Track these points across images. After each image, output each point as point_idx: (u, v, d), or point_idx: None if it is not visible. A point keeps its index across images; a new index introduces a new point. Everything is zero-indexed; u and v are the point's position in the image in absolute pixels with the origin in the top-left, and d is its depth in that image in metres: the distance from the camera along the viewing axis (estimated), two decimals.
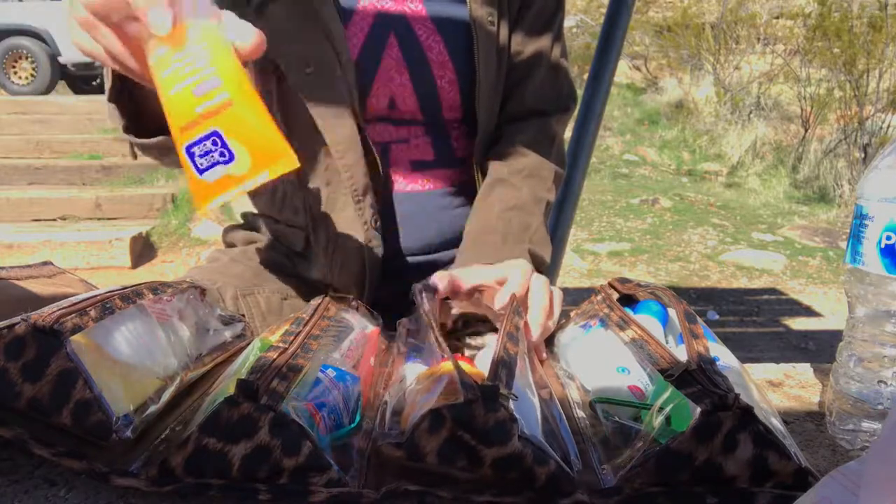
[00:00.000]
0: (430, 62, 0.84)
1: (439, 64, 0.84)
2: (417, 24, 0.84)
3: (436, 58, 0.84)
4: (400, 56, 0.83)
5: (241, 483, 0.39)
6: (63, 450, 0.40)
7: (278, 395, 0.41)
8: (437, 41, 0.84)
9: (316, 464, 0.40)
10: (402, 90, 0.84)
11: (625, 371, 0.52)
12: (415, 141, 0.88)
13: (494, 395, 0.39)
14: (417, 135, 0.88)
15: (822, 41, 6.08)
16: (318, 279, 0.89)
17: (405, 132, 0.87)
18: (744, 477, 0.40)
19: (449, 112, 0.88)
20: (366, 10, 0.82)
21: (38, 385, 0.41)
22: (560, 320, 0.69)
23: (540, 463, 0.40)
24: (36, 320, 0.41)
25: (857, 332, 0.50)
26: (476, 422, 0.39)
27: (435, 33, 0.84)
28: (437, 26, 0.85)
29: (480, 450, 0.39)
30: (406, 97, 0.84)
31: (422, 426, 0.40)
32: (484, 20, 0.85)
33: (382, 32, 0.82)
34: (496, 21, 0.86)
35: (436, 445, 0.40)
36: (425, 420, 0.39)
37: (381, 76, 0.83)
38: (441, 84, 0.85)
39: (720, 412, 0.39)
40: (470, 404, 0.39)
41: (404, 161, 0.87)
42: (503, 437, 0.39)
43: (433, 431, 0.39)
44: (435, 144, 0.89)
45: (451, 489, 0.40)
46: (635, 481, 0.41)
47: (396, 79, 0.83)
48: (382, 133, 0.86)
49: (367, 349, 0.56)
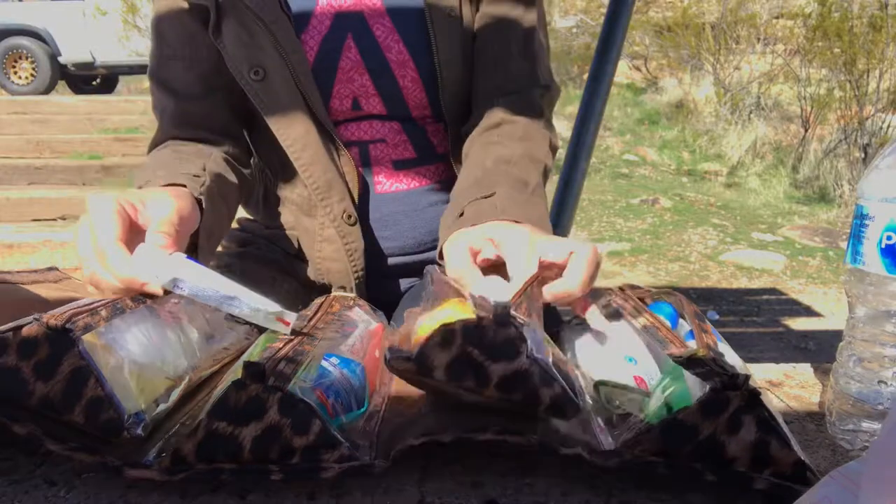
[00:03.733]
0: (389, 63, 0.83)
1: (399, 63, 0.83)
2: (375, 22, 0.83)
3: (395, 58, 0.83)
4: (358, 58, 0.82)
5: (253, 465, 0.40)
6: (76, 445, 0.41)
7: (285, 376, 0.41)
8: (395, 40, 0.83)
9: (327, 441, 0.40)
10: (364, 91, 0.84)
11: (632, 361, 0.52)
12: (393, 140, 0.87)
13: (507, 315, 0.40)
14: (395, 132, 0.87)
15: (822, 41, 6.08)
16: (313, 278, 0.90)
17: (380, 131, 0.87)
18: (744, 459, 0.41)
19: (417, 110, 0.87)
20: (324, 12, 0.82)
21: (51, 383, 0.41)
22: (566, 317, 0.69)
23: (546, 384, 0.40)
24: (48, 319, 0.41)
25: (857, 332, 0.50)
26: (486, 337, 0.40)
27: (393, 32, 0.83)
28: (395, 22, 0.83)
29: (488, 366, 0.40)
30: (369, 98, 0.84)
31: (433, 340, 0.40)
32: (441, 6, 0.82)
33: (339, 34, 0.82)
34: (458, 5, 0.83)
35: (445, 360, 0.40)
36: (437, 334, 0.40)
37: (341, 78, 0.83)
38: (404, 84, 0.84)
39: (729, 391, 0.40)
40: (481, 321, 0.40)
41: (386, 161, 0.87)
42: (511, 353, 0.40)
43: (444, 346, 0.40)
44: (413, 142, 0.88)
45: (453, 431, 0.41)
46: (636, 448, 0.41)
47: (357, 80, 0.83)
48: (356, 132, 0.86)
49: (372, 344, 0.56)
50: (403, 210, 0.88)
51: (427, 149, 0.89)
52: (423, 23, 0.82)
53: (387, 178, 0.88)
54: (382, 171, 0.88)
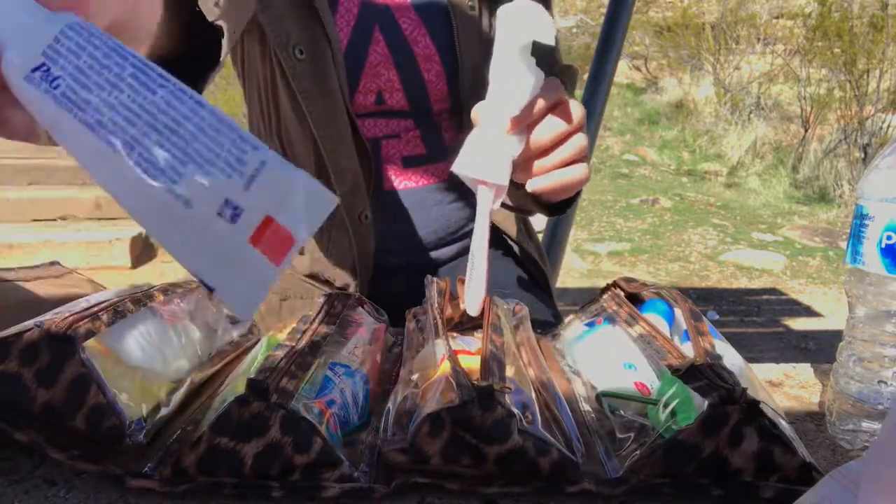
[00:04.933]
0: (416, 57, 0.83)
1: (425, 58, 0.84)
2: (401, 15, 0.83)
3: (422, 52, 0.83)
4: (387, 52, 0.82)
5: (254, 481, 0.40)
6: (78, 453, 0.41)
7: (288, 393, 0.41)
8: (422, 34, 0.83)
9: (327, 460, 0.40)
10: (390, 85, 0.84)
11: (632, 368, 0.52)
12: (405, 136, 0.87)
13: (490, 394, 0.40)
14: (408, 129, 0.87)
15: (822, 41, 6.08)
16: (315, 273, 0.90)
17: (395, 126, 0.86)
18: (749, 470, 0.41)
19: (438, 103, 0.87)
20: (351, 1, 0.82)
21: (53, 390, 0.41)
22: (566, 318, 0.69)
23: (542, 454, 0.40)
24: (49, 326, 0.41)
25: (857, 332, 0.50)
26: (474, 422, 0.40)
27: (420, 25, 0.83)
28: (421, 16, 0.84)
29: (482, 448, 0.40)
30: (394, 92, 0.84)
31: (423, 430, 0.40)
32: (464, 4, 0.84)
33: (367, 26, 0.82)
34: (476, 4, 0.85)
35: (439, 447, 0.40)
36: (425, 424, 0.40)
37: (368, 72, 0.82)
38: (429, 78, 0.84)
39: (727, 405, 0.40)
40: (466, 406, 0.40)
41: (396, 157, 0.87)
42: (503, 435, 0.40)
43: (434, 434, 0.40)
44: (425, 138, 0.88)
45: (459, 482, 0.41)
46: (641, 472, 0.41)
47: (384, 74, 0.83)
48: (372, 128, 0.86)
49: (374, 346, 0.56)
50: (410, 207, 0.88)
51: (438, 146, 0.89)
52: (447, 15, 0.83)
53: (396, 175, 0.88)
54: (392, 167, 0.87)
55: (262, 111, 0.88)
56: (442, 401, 0.41)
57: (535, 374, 0.51)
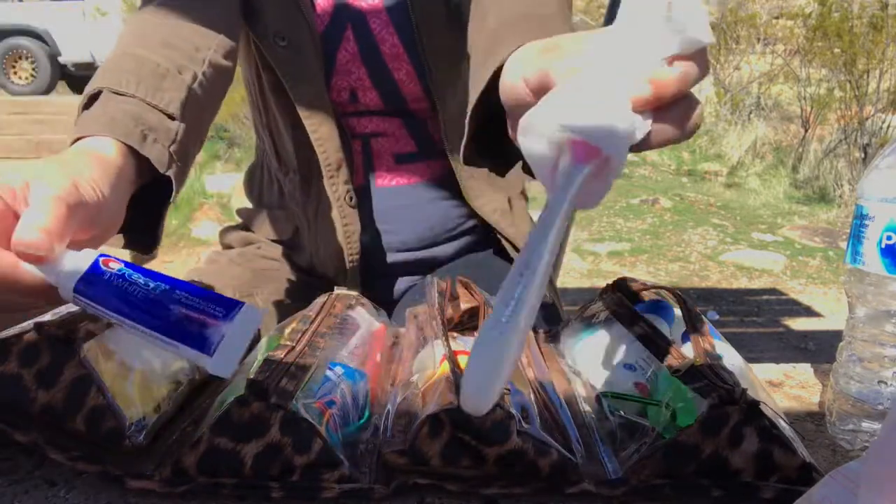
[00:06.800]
0: (384, 56, 0.83)
1: (393, 57, 0.83)
2: (373, 16, 0.83)
3: (389, 51, 0.83)
4: (356, 50, 0.82)
5: (254, 481, 0.40)
6: (78, 454, 0.41)
7: (288, 393, 0.41)
8: (390, 33, 0.83)
9: (327, 460, 0.40)
10: (361, 84, 0.84)
11: (631, 368, 0.52)
12: (395, 134, 0.87)
13: None
14: (396, 127, 0.87)
15: (822, 41, 6.08)
16: (307, 265, 0.91)
17: (383, 125, 0.87)
18: (749, 470, 0.41)
19: (415, 103, 0.86)
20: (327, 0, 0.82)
21: (53, 392, 0.41)
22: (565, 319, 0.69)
23: (542, 455, 0.40)
24: (49, 327, 0.41)
25: (857, 332, 0.50)
26: (473, 423, 0.40)
27: (388, 25, 0.83)
28: (390, 16, 0.83)
29: (482, 449, 0.40)
30: (366, 91, 0.84)
31: (422, 432, 0.40)
32: None
33: (341, 25, 0.82)
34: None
35: (438, 449, 0.40)
36: (425, 426, 0.40)
37: (339, 69, 0.83)
38: (399, 77, 0.84)
39: (727, 406, 0.40)
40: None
41: (387, 155, 0.87)
42: (502, 436, 0.40)
43: (434, 436, 0.40)
44: (414, 135, 0.88)
45: (459, 484, 0.41)
46: (641, 473, 0.41)
47: (354, 72, 0.83)
48: (358, 126, 0.86)
49: (374, 346, 0.56)
50: (404, 205, 0.88)
51: (428, 143, 0.89)
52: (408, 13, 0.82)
53: (388, 172, 0.88)
54: (384, 164, 0.88)
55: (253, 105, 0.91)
56: (441, 402, 0.41)
57: (534, 374, 0.51)
